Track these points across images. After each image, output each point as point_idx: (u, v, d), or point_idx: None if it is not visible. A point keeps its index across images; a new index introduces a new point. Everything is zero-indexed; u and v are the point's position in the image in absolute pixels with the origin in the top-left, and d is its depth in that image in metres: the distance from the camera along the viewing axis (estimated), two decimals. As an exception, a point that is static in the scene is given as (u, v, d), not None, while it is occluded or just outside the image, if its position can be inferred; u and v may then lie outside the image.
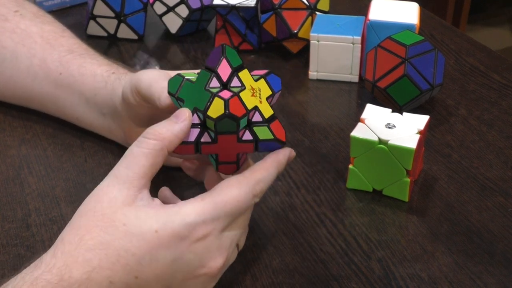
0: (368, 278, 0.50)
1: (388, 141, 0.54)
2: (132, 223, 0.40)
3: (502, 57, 0.80)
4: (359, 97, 0.73)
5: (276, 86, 0.48)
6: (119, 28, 0.84)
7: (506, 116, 0.69)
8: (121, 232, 0.40)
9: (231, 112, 0.42)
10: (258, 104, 0.45)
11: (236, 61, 0.45)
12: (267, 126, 0.45)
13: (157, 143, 0.43)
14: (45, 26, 0.67)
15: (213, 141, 0.44)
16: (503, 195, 0.58)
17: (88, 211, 0.41)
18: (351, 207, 0.57)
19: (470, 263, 0.51)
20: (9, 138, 0.66)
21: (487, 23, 2.31)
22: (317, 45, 0.73)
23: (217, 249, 0.43)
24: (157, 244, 0.40)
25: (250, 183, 0.44)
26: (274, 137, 0.45)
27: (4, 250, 0.53)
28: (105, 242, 0.40)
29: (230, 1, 0.78)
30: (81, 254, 0.39)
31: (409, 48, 0.65)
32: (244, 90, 0.44)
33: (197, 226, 0.41)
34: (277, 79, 0.48)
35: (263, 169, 0.45)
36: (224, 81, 0.44)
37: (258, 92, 0.45)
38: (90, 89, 0.60)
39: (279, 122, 0.46)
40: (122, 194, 0.41)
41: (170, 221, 0.41)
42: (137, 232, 0.40)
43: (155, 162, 0.43)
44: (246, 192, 0.43)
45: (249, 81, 0.45)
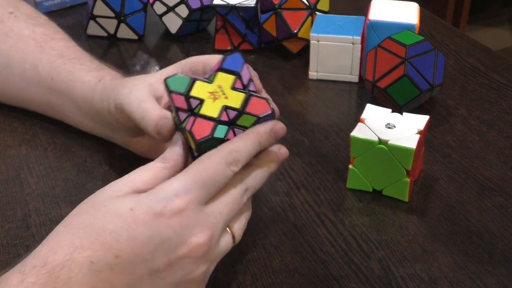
0: (368, 278, 0.50)
1: (388, 141, 0.54)
2: (111, 205, 0.42)
3: (502, 57, 0.80)
4: (359, 97, 0.73)
5: (235, 66, 0.47)
6: (119, 28, 0.84)
7: (506, 116, 0.69)
8: (101, 213, 0.41)
9: (198, 139, 0.44)
10: (224, 102, 0.45)
11: (184, 83, 0.46)
12: (244, 113, 0.45)
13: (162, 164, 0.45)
14: (37, 29, 0.66)
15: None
16: (503, 195, 0.58)
17: (81, 204, 0.43)
18: (351, 207, 0.57)
19: (470, 263, 0.51)
20: (9, 138, 0.66)
21: (487, 23, 2.31)
22: (317, 45, 0.73)
23: (197, 224, 0.42)
24: (133, 221, 0.41)
25: (222, 152, 0.44)
26: (257, 116, 0.45)
27: (4, 250, 0.53)
28: (87, 223, 0.41)
29: (230, 1, 0.78)
30: (65, 238, 0.41)
31: (409, 48, 0.65)
32: (204, 103, 0.45)
33: (170, 200, 0.41)
34: (236, 56, 0.47)
35: (238, 139, 0.45)
36: (187, 109, 0.46)
37: (218, 91, 0.46)
38: (80, 97, 0.60)
39: (256, 97, 0.46)
40: (111, 190, 0.43)
41: (144, 200, 0.42)
42: (115, 212, 0.41)
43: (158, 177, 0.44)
44: (218, 161, 0.43)
45: (205, 89, 0.46)
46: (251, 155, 0.45)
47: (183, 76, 0.46)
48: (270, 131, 0.46)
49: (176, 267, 0.42)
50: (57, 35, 0.67)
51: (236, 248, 0.53)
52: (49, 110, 0.66)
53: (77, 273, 0.39)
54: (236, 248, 0.53)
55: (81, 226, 0.41)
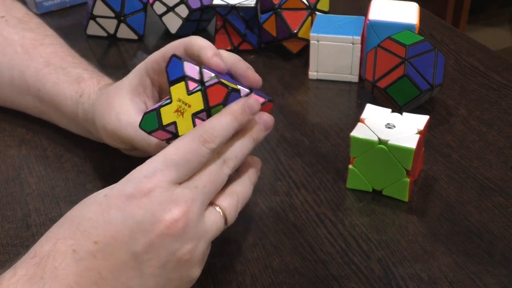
0: (368, 278, 0.50)
1: (388, 141, 0.54)
2: (91, 195, 0.43)
3: (502, 57, 0.80)
4: (359, 97, 0.73)
5: (177, 71, 0.46)
6: (119, 28, 0.84)
7: (506, 116, 0.69)
8: (82, 204, 0.43)
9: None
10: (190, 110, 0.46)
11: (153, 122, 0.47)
12: (211, 108, 0.46)
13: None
14: (26, 34, 0.66)
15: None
16: (503, 195, 0.58)
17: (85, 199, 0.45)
18: (351, 207, 0.57)
19: (470, 263, 0.51)
20: (9, 138, 0.66)
21: (487, 23, 2.31)
22: (317, 45, 0.73)
23: (169, 201, 0.42)
24: (107, 206, 0.42)
25: (196, 131, 0.44)
26: (222, 104, 0.45)
27: (4, 250, 0.53)
28: (71, 216, 0.43)
29: (230, 1, 0.78)
30: (52, 231, 0.42)
31: (409, 48, 0.65)
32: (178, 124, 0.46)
33: (140, 182, 0.42)
34: (173, 63, 0.46)
35: (212, 118, 0.45)
36: (171, 137, 0.47)
37: (181, 104, 0.46)
38: (67, 111, 0.61)
39: (211, 86, 0.45)
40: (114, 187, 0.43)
41: (117, 185, 0.43)
42: (92, 200, 0.43)
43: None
44: (190, 139, 0.43)
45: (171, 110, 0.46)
46: (229, 131, 0.45)
47: (149, 114, 0.47)
48: (242, 105, 0.45)
49: (158, 247, 0.41)
50: (46, 40, 0.66)
51: (236, 248, 0.53)
52: (42, 115, 0.66)
53: (61, 262, 0.41)
54: (236, 248, 0.53)
55: (66, 219, 0.43)
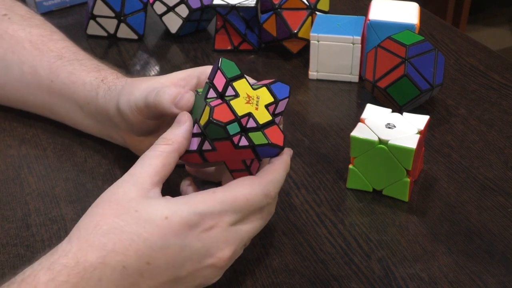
0: (368, 278, 0.50)
1: (388, 141, 0.54)
2: (144, 210, 0.42)
3: (502, 57, 0.80)
4: (359, 97, 0.73)
5: (281, 93, 0.48)
6: (119, 28, 0.84)
7: (506, 116, 0.69)
8: (133, 218, 0.42)
9: (214, 118, 0.44)
10: (253, 111, 0.46)
11: (232, 72, 0.47)
12: (261, 131, 0.46)
13: (168, 146, 0.45)
14: (33, 30, 0.66)
15: (213, 148, 0.46)
16: (503, 195, 0.58)
17: (103, 201, 0.43)
18: (351, 207, 0.57)
19: (470, 263, 0.51)
20: (9, 138, 0.66)
21: (487, 23, 2.31)
22: (317, 45, 0.73)
23: (224, 241, 0.44)
24: (168, 231, 0.42)
25: (262, 183, 0.45)
26: (268, 141, 0.46)
27: (4, 250, 0.53)
28: (119, 227, 0.41)
29: (230, 1, 0.78)
30: (96, 239, 0.41)
31: (409, 48, 0.65)
32: (237, 98, 0.46)
33: (205, 216, 0.43)
34: (285, 87, 0.49)
35: (273, 170, 0.47)
36: (220, 91, 0.46)
37: (255, 100, 0.47)
38: (81, 97, 0.60)
39: (278, 128, 0.47)
40: (136, 187, 0.43)
41: (180, 210, 0.42)
42: (149, 219, 0.42)
43: (166, 163, 0.45)
44: (257, 191, 0.45)
45: (246, 90, 0.47)
46: (282, 184, 0.48)
47: (235, 66, 0.48)
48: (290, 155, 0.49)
49: (198, 274, 0.44)
50: (55, 36, 0.67)
51: (236, 248, 0.53)
52: (48, 112, 0.66)
53: (109, 276, 0.40)
54: (236, 248, 0.53)
55: (113, 229, 0.41)
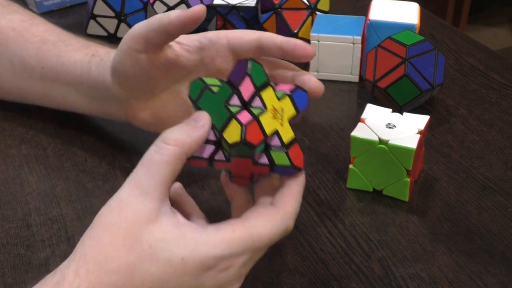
0: (368, 278, 0.50)
1: (388, 141, 0.54)
2: (158, 246, 0.39)
3: (502, 57, 0.80)
4: (359, 97, 0.73)
5: (301, 103, 0.45)
6: (119, 27, 0.84)
7: (506, 116, 0.69)
8: (147, 255, 0.39)
9: (247, 140, 0.40)
10: (279, 127, 0.43)
11: (261, 79, 0.42)
12: (285, 152, 0.43)
13: (177, 149, 0.41)
14: (13, 16, 0.65)
15: (227, 160, 0.43)
16: (503, 195, 0.58)
17: (112, 225, 0.40)
18: (351, 207, 0.57)
19: (470, 263, 0.51)
20: (9, 137, 0.66)
21: (487, 23, 2.31)
22: (317, 45, 0.73)
23: (237, 278, 0.42)
24: (182, 272, 0.40)
25: (284, 218, 0.43)
26: (291, 163, 0.43)
27: (4, 250, 0.53)
28: (131, 264, 0.39)
29: (230, 1, 0.78)
30: (107, 276, 0.39)
31: (409, 48, 0.65)
32: (265, 112, 0.42)
33: (223, 259, 0.41)
34: (304, 95, 0.45)
35: (293, 199, 0.44)
36: (246, 100, 0.42)
37: (280, 114, 0.43)
38: (74, 78, 0.59)
39: (299, 146, 0.44)
40: (146, 207, 0.40)
41: (197, 251, 0.40)
42: (163, 257, 0.39)
43: (175, 169, 0.41)
44: (278, 228, 0.42)
45: (272, 101, 0.43)
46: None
47: (262, 70, 0.43)
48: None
49: None
50: (36, 20, 0.65)
51: (236, 248, 0.53)
52: (46, 99, 0.64)
53: None
54: (236, 248, 0.53)
55: (124, 265, 0.39)
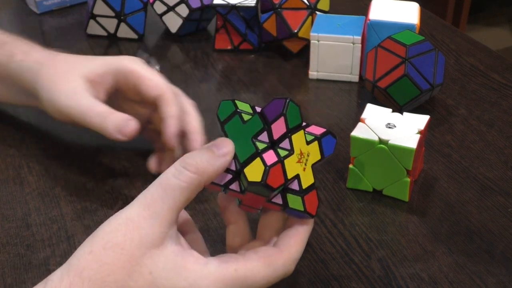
0: (368, 278, 0.50)
1: (388, 141, 0.54)
2: (158, 274, 0.38)
3: (502, 57, 0.80)
4: (359, 97, 0.73)
5: (328, 149, 0.44)
6: (119, 27, 0.84)
7: (506, 116, 0.69)
8: (146, 281, 0.38)
9: (267, 182, 0.40)
10: (301, 172, 0.42)
11: (295, 121, 0.42)
12: (301, 197, 0.42)
13: (196, 177, 0.40)
14: None
15: (242, 192, 0.42)
16: (503, 195, 0.58)
17: (115, 245, 0.38)
18: (351, 207, 0.57)
19: (470, 263, 0.51)
20: (9, 137, 0.66)
21: (487, 23, 2.31)
22: (317, 45, 0.73)
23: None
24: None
25: (287, 264, 0.42)
26: (304, 209, 0.42)
27: (4, 249, 0.53)
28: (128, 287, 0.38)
29: (230, 1, 0.78)
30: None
31: (409, 48, 0.65)
32: (291, 156, 0.41)
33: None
34: (333, 141, 0.44)
35: (299, 245, 0.43)
36: (275, 140, 0.41)
37: (305, 158, 0.42)
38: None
39: (316, 193, 0.43)
40: (154, 231, 0.39)
41: (197, 285, 0.39)
42: (162, 287, 0.38)
43: (190, 197, 0.40)
44: (281, 273, 0.42)
45: (301, 145, 0.42)
46: None
47: (299, 112, 0.42)
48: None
49: None
50: None
51: (236, 247, 0.53)
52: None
53: None
54: (236, 248, 0.53)
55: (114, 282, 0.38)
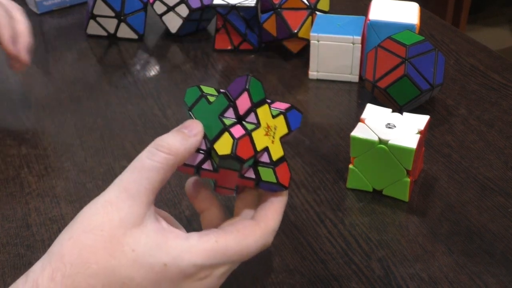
0: (368, 278, 0.50)
1: (388, 141, 0.54)
2: (141, 251, 0.39)
3: (502, 57, 0.80)
4: (359, 97, 0.73)
5: (294, 123, 0.45)
6: (119, 27, 0.84)
7: (506, 116, 0.69)
8: (129, 259, 0.38)
9: (237, 154, 0.41)
10: (270, 144, 0.43)
11: (258, 95, 0.43)
12: (272, 169, 0.43)
13: (170, 158, 0.41)
14: None
15: (214, 170, 0.43)
16: (503, 195, 0.58)
17: (95, 227, 0.38)
18: (351, 207, 0.57)
19: (470, 263, 0.51)
20: (9, 137, 0.66)
21: (487, 23, 2.31)
22: (317, 45, 0.73)
23: (213, 286, 0.42)
24: (163, 277, 0.39)
25: (265, 234, 0.43)
26: (277, 181, 0.43)
27: (4, 250, 0.53)
28: (111, 268, 0.38)
29: (230, 1, 0.78)
30: (84, 280, 0.37)
31: (409, 48, 0.65)
32: (258, 129, 0.42)
33: (203, 268, 0.40)
34: (298, 115, 0.45)
35: (275, 215, 0.44)
36: (240, 115, 0.42)
37: (273, 131, 0.44)
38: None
39: (287, 165, 0.44)
40: (133, 211, 0.39)
41: (180, 258, 0.39)
42: (146, 263, 0.38)
43: (165, 177, 0.41)
44: (259, 244, 0.43)
45: (267, 118, 0.43)
46: None
47: (261, 87, 0.43)
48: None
49: None
50: None
51: (236, 248, 0.53)
52: None
53: None
54: (236, 248, 0.53)
55: (103, 269, 0.38)
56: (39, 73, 0.80)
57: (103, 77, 0.78)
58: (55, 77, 0.79)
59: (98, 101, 0.73)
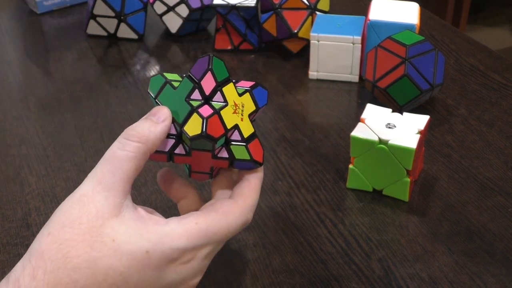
0: (368, 278, 0.50)
1: (388, 141, 0.54)
2: (121, 240, 0.38)
3: (502, 57, 0.80)
4: (359, 97, 0.73)
5: (261, 100, 0.45)
6: (119, 27, 0.84)
7: (506, 116, 0.69)
8: (110, 250, 0.38)
9: (207, 133, 0.41)
10: (239, 122, 0.43)
11: (222, 75, 0.43)
12: (244, 146, 0.43)
13: (141, 146, 0.41)
14: None
15: (187, 154, 0.43)
16: (503, 195, 0.58)
17: (72, 221, 0.38)
18: (351, 207, 0.57)
19: (470, 263, 0.51)
20: (9, 137, 0.66)
21: (487, 23, 2.31)
22: (317, 45, 0.73)
23: (198, 270, 0.42)
24: (147, 265, 0.39)
25: (244, 211, 0.43)
26: (250, 158, 0.43)
27: (4, 250, 0.53)
28: (92, 260, 0.37)
29: (230, 1, 0.78)
30: (66, 275, 0.37)
31: (409, 48, 0.65)
32: (226, 107, 0.43)
33: (186, 251, 0.40)
34: (264, 92, 0.46)
35: (252, 192, 0.44)
36: (207, 95, 0.42)
37: (240, 109, 0.44)
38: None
39: (259, 141, 0.44)
40: (109, 202, 0.39)
41: (161, 243, 0.39)
42: (127, 251, 0.38)
43: (138, 166, 0.41)
44: (238, 221, 0.43)
45: (233, 96, 0.44)
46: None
47: (224, 66, 0.44)
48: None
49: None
50: None
51: (236, 247, 0.53)
52: None
53: None
54: (236, 248, 0.53)
55: (85, 262, 0.37)
56: (39, 73, 0.80)
57: (103, 77, 0.78)
58: (55, 77, 0.79)
59: (98, 101, 0.73)
